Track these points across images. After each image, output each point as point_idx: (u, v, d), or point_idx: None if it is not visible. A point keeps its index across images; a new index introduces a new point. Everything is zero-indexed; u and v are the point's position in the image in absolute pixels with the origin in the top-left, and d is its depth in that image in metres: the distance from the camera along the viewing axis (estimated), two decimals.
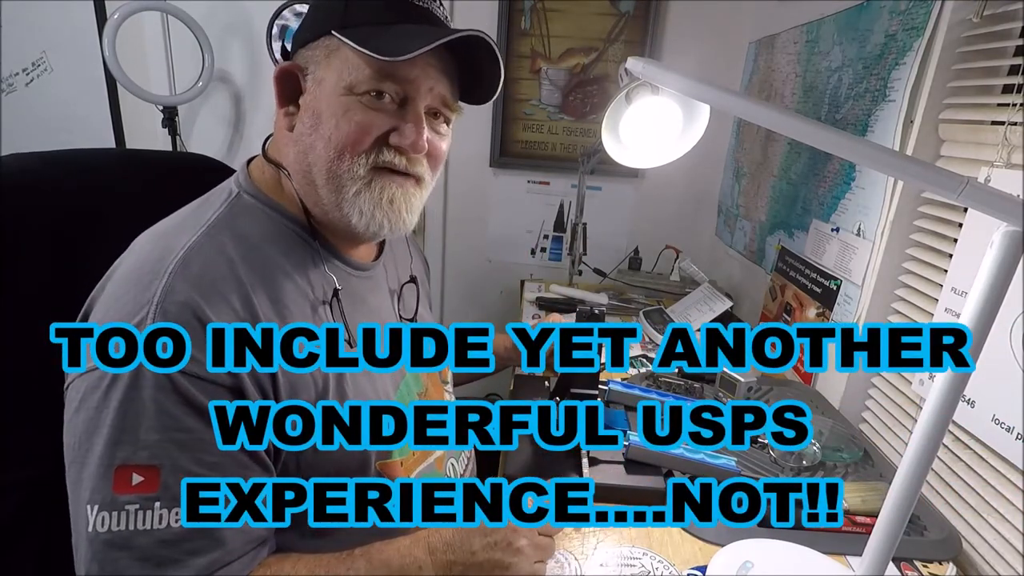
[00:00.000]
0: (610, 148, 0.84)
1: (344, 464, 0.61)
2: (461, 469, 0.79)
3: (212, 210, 0.60)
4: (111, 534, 0.48)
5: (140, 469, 0.48)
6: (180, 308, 0.51)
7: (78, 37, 1.82)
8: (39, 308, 0.63)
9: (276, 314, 0.57)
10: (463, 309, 2.07)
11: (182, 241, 0.56)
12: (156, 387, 0.49)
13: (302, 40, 0.63)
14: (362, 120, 0.59)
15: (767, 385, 1.11)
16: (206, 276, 0.54)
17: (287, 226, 0.64)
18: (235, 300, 0.54)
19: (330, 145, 0.59)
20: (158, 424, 0.49)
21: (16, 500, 0.63)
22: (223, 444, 0.52)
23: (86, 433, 0.50)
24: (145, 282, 0.52)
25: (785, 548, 0.69)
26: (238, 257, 0.57)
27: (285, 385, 0.56)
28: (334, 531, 0.62)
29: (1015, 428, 0.70)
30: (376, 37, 0.57)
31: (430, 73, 0.61)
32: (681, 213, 1.92)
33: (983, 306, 0.48)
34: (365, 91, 0.59)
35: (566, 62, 1.80)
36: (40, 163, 0.68)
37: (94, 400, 0.50)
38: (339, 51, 0.59)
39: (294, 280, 0.61)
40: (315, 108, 0.60)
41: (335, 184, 0.61)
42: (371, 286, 0.72)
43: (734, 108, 0.55)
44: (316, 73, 0.61)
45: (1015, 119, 0.74)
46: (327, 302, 0.64)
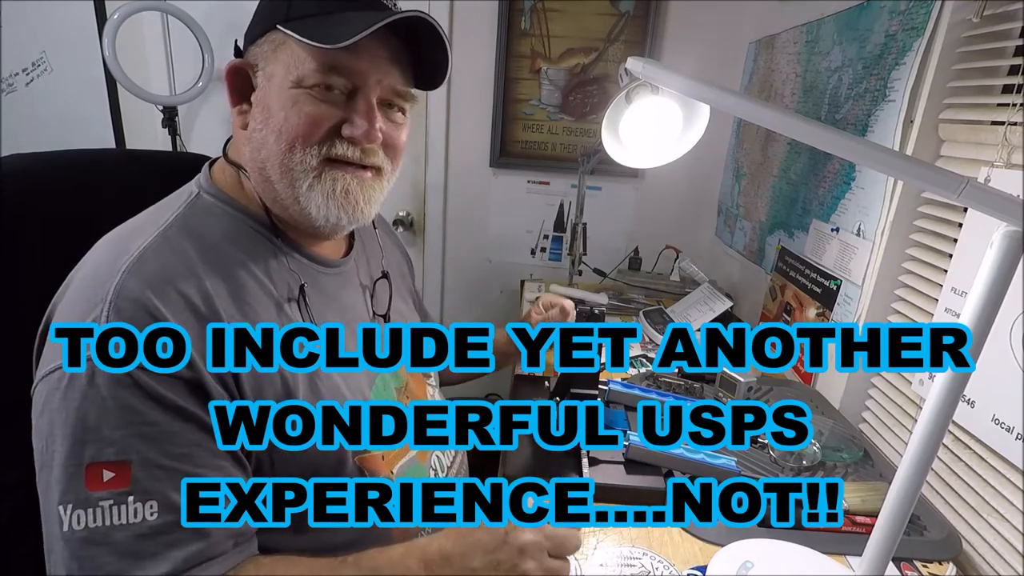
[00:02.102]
0: (610, 148, 0.84)
1: (320, 460, 0.60)
2: (447, 463, 0.77)
3: (170, 211, 0.60)
4: (88, 531, 0.48)
5: (110, 465, 0.48)
6: (133, 305, 0.51)
7: (78, 37, 1.82)
8: (38, 308, 0.63)
9: (238, 311, 0.57)
10: (463, 309, 2.07)
11: (138, 243, 0.55)
12: (114, 383, 0.49)
13: (252, 37, 0.62)
14: (312, 111, 0.59)
15: (767, 385, 1.11)
16: (160, 274, 0.53)
17: (249, 225, 0.63)
18: (193, 296, 0.54)
19: (281, 138, 0.59)
20: (121, 420, 0.49)
21: (16, 500, 0.63)
22: (187, 437, 0.51)
23: (50, 436, 0.50)
24: (100, 282, 0.52)
25: (785, 548, 0.69)
26: (197, 256, 0.57)
27: (249, 380, 0.55)
28: (315, 529, 0.61)
29: (1015, 428, 0.70)
30: (319, 27, 0.56)
31: (378, 64, 0.60)
32: (681, 213, 1.92)
33: (983, 306, 0.48)
34: (313, 84, 0.58)
35: (566, 62, 1.80)
36: (40, 163, 0.68)
37: (54, 402, 0.50)
38: (285, 45, 0.59)
39: (257, 278, 0.60)
40: (265, 103, 0.60)
41: (288, 178, 0.60)
42: (341, 283, 0.72)
43: (734, 108, 0.55)
44: (266, 69, 0.60)
45: (1015, 119, 0.74)
46: (293, 299, 0.63)
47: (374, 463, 0.65)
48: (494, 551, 0.55)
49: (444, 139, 1.86)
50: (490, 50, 1.78)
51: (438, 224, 1.97)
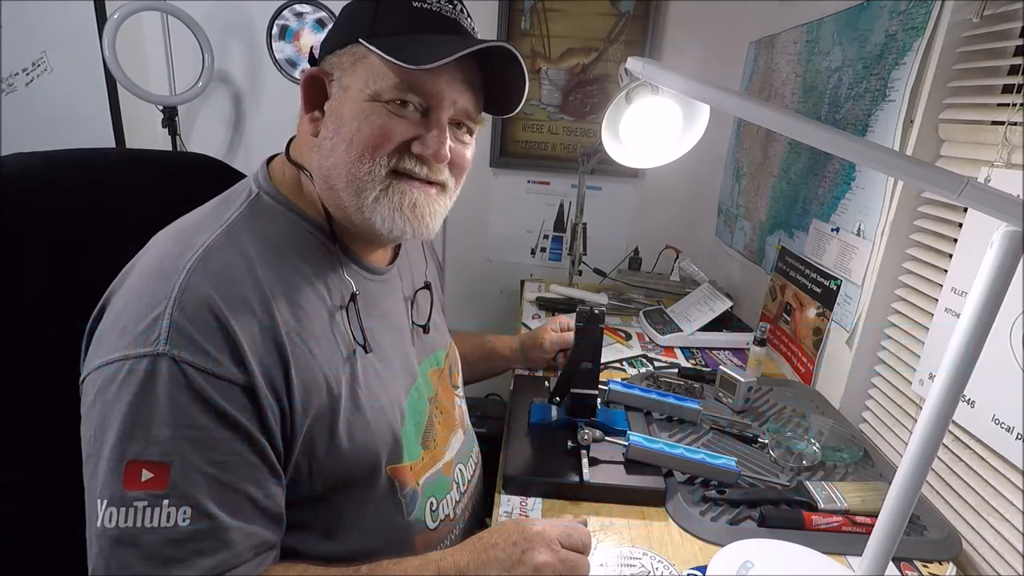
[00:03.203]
0: (610, 148, 0.84)
1: (355, 468, 0.61)
2: (469, 475, 0.79)
3: (232, 209, 0.61)
4: (119, 530, 0.48)
5: (150, 465, 0.48)
6: (198, 304, 0.51)
7: (78, 37, 1.81)
8: (39, 308, 0.63)
9: (293, 316, 0.58)
10: (463, 309, 2.07)
11: (202, 239, 0.56)
12: (170, 382, 0.49)
13: (330, 47, 0.63)
14: (385, 124, 0.59)
15: (767, 385, 1.11)
16: (225, 274, 0.54)
17: (306, 229, 0.64)
18: (253, 299, 0.55)
19: (351, 147, 0.60)
20: (171, 420, 0.49)
21: (17, 500, 0.63)
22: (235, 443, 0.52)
23: (101, 426, 0.50)
24: (164, 277, 0.53)
25: (785, 548, 0.69)
26: (257, 258, 0.57)
27: (298, 386, 0.56)
28: (344, 536, 0.62)
29: (1015, 428, 0.70)
30: (402, 47, 0.57)
31: (454, 85, 0.61)
32: (681, 213, 1.92)
33: (983, 306, 0.48)
34: (389, 99, 0.59)
35: (566, 62, 1.80)
36: (41, 163, 0.68)
37: (109, 393, 0.50)
38: (366, 59, 0.60)
39: (312, 284, 0.61)
40: (339, 113, 0.61)
41: (355, 187, 0.61)
42: (385, 290, 0.73)
43: (734, 108, 0.55)
44: (342, 80, 0.61)
45: (1015, 119, 0.74)
46: (344, 307, 0.64)
47: (403, 473, 0.66)
48: (510, 568, 0.57)
49: None
50: None
51: None
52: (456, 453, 0.77)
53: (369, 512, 0.63)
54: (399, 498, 0.65)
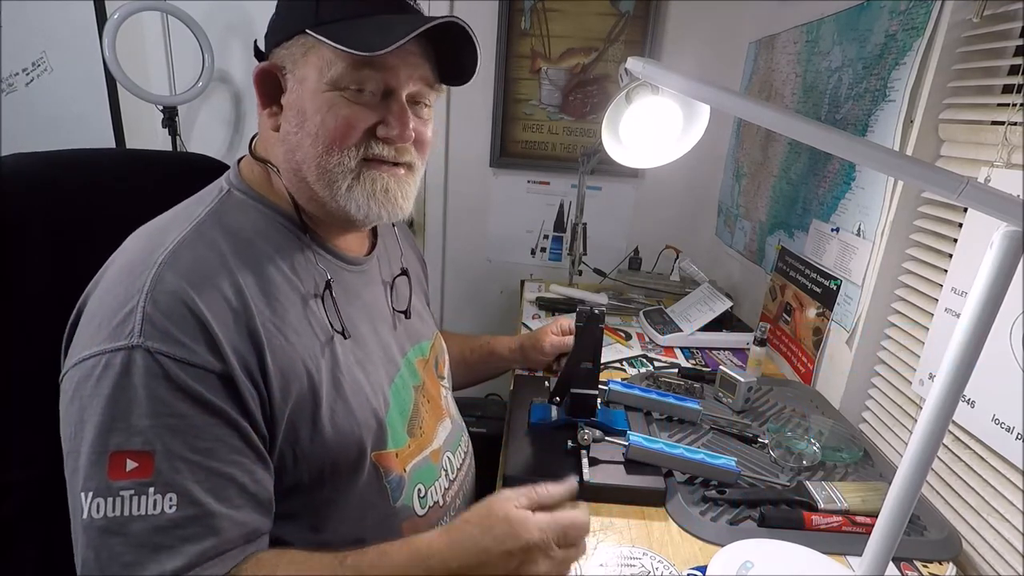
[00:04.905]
0: (610, 148, 0.84)
1: (340, 455, 0.61)
2: (458, 464, 0.78)
3: (203, 206, 0.61)
4: (106, 520, 0.48)
5: (134, 455, 0.49)
6: (169, 296, 0.52)
7: (78, 37, 1.82)
8: (40, 308, 0.63)
9: (267, 305, 0.58)
10: (463, 309, 2.07)
11: (172, 236, 0.57)
12: (146, 373, 0.49)
13: (276, 39, 0.63)
14: (348, 114, 0.60)
15: (767, 385, 1.11)
16: (196, 267, 0.54)
17: (278, 221, 0.65)
18: (225, 290, 0.55)
19: (318, 140, 0.60)
20: (150, 410, 0.49)
21: (16, 500, 0.63)
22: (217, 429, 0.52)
23: (80, 422, 0.50)
24: (136, 273, 0.53)
25: (785, 548, 0.69)
26: (229, 250, 0.58)
27: (275, 373, 0.56)
28: (331, 524, 0.62)
29: (1015, 428, 0.70)
30: (351, 32, 0.57)
31: (410, 60, 0.62)
32: (681, 213, 1.92)
33: (983, 306, 0.48)
34: (346, 85, 0.60)
35: (566, 62, 1.80)
36: (41, 163, 0.68)
37: (87, 388, 0.50)
38: (316, 48, 0.60)
39: (285, 274, 0.62)
40: (299, 106, 0.61)
41: (327, 179, 0.61)
42: (365, 280, 0.73)
43: (734, 108, 0.55)
44: (296, 72, 0.61)
45: (1015, 119, 0.74)
46: (319, 295, 0.64)
47: (388, 460, 0.66)
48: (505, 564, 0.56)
49: (444, 139, 1.86)
50: (490, 50, 1.78)
51: (438, 224, 1.97)
52: (444, 441, 0.76)
53: (354, 499, 0.63)
54: (384, 484, 0.65)
